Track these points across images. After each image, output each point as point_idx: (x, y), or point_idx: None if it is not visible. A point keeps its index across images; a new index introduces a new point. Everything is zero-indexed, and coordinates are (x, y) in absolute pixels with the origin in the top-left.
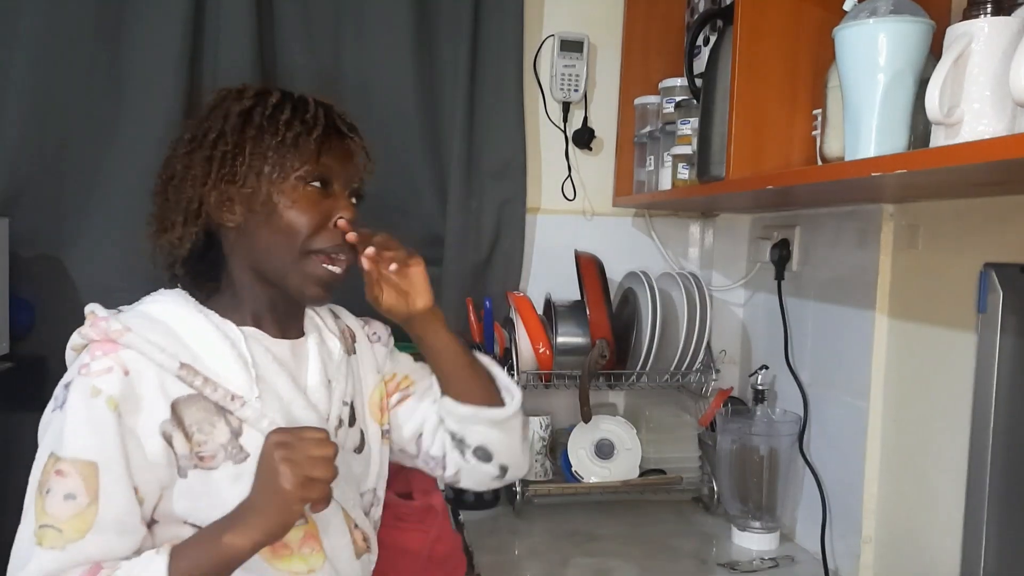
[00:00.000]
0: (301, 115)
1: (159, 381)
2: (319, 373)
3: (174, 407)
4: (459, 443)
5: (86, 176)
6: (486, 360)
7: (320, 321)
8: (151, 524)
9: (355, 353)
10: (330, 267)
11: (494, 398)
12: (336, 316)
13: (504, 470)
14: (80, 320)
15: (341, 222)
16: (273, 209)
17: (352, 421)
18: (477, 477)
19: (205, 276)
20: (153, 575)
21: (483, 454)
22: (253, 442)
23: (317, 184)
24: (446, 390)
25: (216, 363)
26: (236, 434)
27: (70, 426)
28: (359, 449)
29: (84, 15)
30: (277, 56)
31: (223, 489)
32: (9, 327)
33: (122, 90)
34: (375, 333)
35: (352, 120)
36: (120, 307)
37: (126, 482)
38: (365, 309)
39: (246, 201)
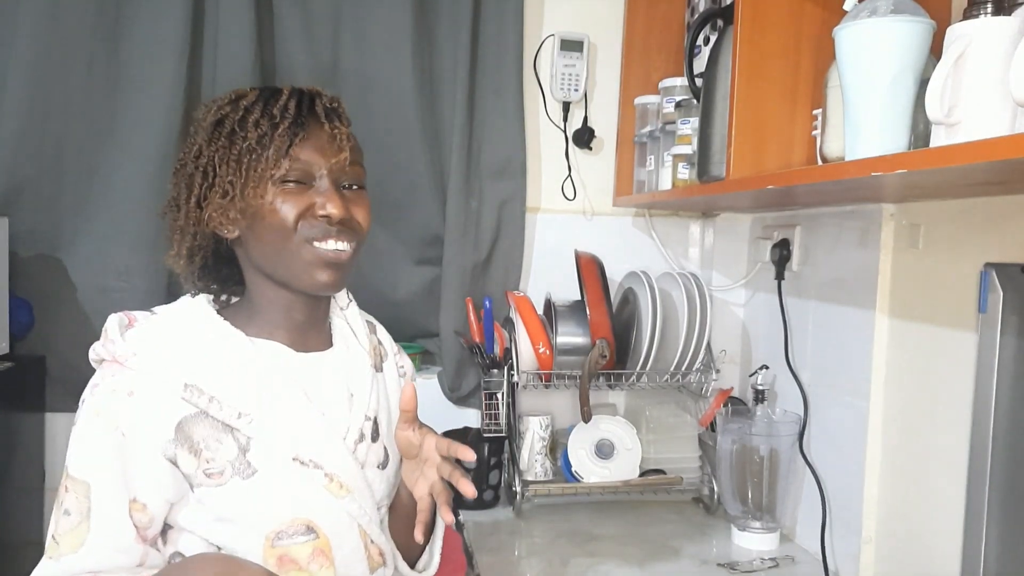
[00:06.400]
0: (270, 111)
1: (164, 402)
2: (339, 386)
3: (179, 427)
4: None
5: (85, 175)
6: (439, 530)
7: (350, 332)
8: (167, 529)
9: (382, 371)
10: (328, 248)
11: (413, 555)
12: (372, 330)
13: None
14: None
15: None
16: (259, 213)
17: (376, 436)
18: None
19: (231, 282)
20: None
21: None
22: (261, 458)
23: (294, 182)
24: (392, 523)
25: (224, 379)
26: (244, 450)
27: (74, 444)
28: (383, 465)
29: (83, 14)
30: (277, 56)
31: (231, 505)
32: (8, 327)
33: (121, 89)
34: (403, 367)
35: (338, 106)
36: (153, 309)
37: (120, 503)
38: (372, 307)
39: (235, 211)
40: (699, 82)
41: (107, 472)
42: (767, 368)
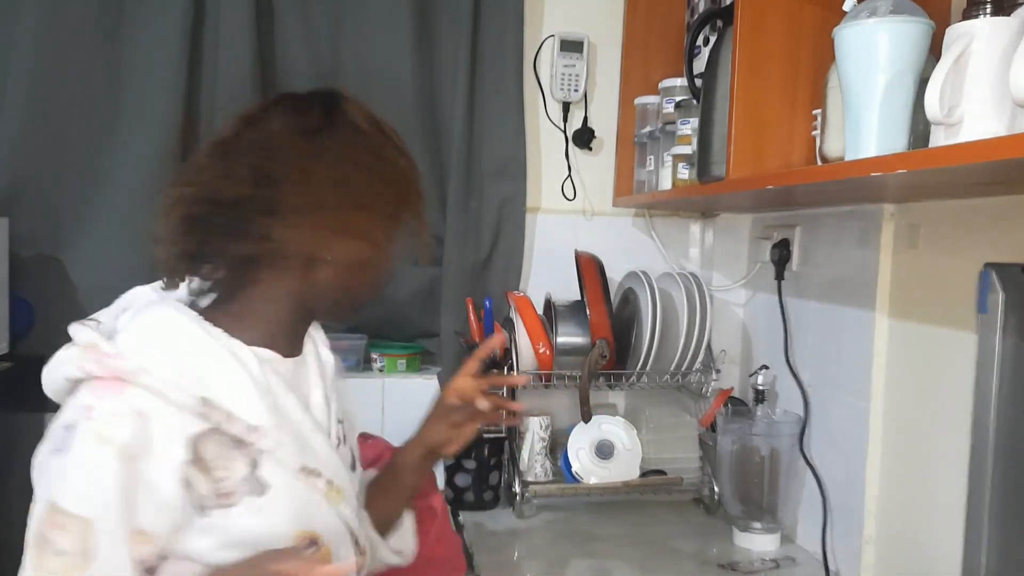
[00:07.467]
0: (406, 152)
1: (175, 421)
2: (320, 390)
3: (193, 446)
4: None
5: (86, 176)
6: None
7: (315, 332)
8: (159, 562)
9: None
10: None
11: (388, 530)
12: (318, 329)
13: None
14: (79, 320)
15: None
16: (379, 252)
17: (345, 439)
18: None
19: (208, 273)
20: None
21: None
22: (271, 473)
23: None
24: (374, 508)
25: (232, 391)
26: (254, 466)
27: (71, 476)
28: (352, 467)
29: (84, 14)
30: (277, 57)
31: (243, 525)
32: (9, 327)
33: (122, 89)
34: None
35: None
36: (98, 316)
37: (122, 539)
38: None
39: (348, 239)
40: (699, 82)
41: (112, 507)
42: (767, 368)
